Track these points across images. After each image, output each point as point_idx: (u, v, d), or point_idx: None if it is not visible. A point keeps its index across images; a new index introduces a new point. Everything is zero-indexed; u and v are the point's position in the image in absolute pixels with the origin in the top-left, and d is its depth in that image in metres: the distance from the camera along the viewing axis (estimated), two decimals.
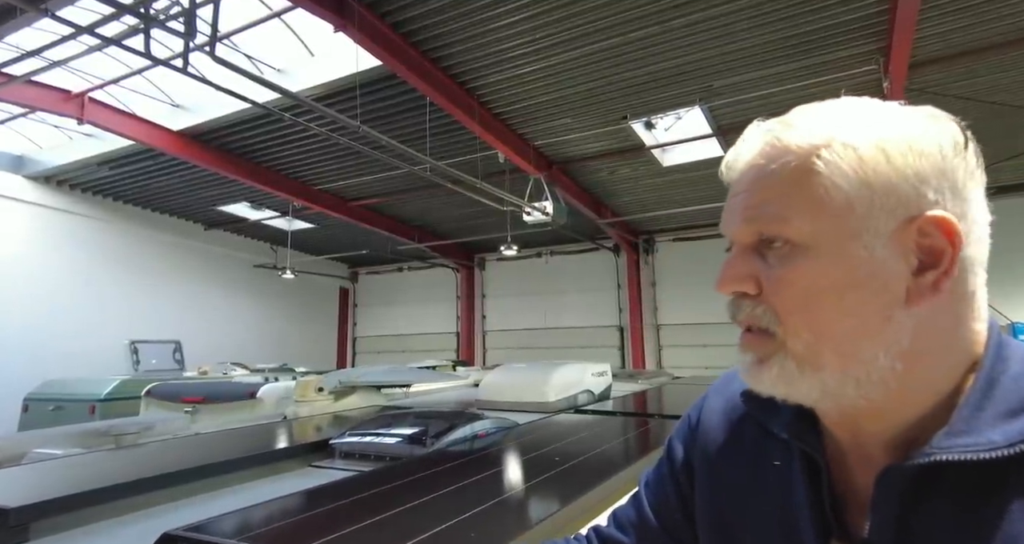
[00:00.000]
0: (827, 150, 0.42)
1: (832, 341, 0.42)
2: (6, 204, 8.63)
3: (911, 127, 0.43)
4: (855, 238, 0.41)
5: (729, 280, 0.46)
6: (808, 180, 0.42)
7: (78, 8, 4.91)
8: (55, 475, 1.60)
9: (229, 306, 11.91)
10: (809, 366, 0.43)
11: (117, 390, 6.52)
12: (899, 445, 0.44)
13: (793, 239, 0.43)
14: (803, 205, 0.42)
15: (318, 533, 1.00)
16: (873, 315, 0.41)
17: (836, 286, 0.42)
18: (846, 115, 0.44)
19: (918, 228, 0.41)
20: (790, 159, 0.43)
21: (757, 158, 0.46)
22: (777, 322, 0.44)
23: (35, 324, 8.64)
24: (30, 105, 6.50)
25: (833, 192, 0.42)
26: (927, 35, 5.02)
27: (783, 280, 0.43)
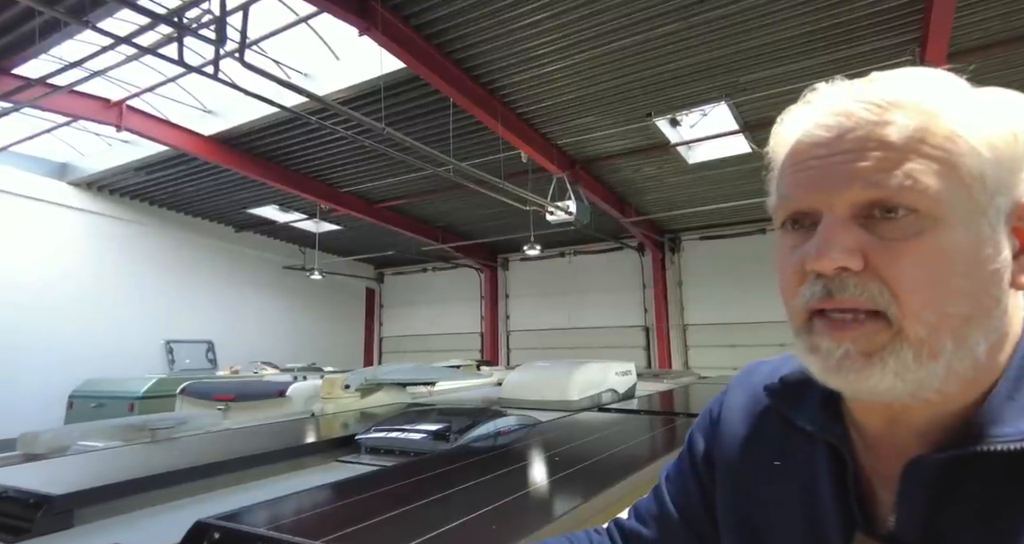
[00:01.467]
0: (961, 112, 0.39)
1: (953, 325, 0.38)
2: (51, 209, 9.02)
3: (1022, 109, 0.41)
4: (983, 213, 0.38)
5: (836, 251, 0.39)
6: (945, 144, 0.38)
7: (116, 20, 5.10)
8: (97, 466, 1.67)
9: (259, 307, 12.20)
10: (927, 354, 0.38)
11: (153, 389, 6.76)
12: (934, 435, 0.42)
13: (920, 207, 0.38)
14: (938, 170, 0.38)
15: (344, 524, 1.03)
16: (988, 298, 0.39)
17: (962, 263, 0.38)
18: (961, 86, 0.42)
19: (1020, 213, 0.40)
20: (919, 116, 0.39)
21: (868, 113, 0.40)
22: (894, 301, 0.38)
23: (77, 324, 9.00)
24: (73, 114, 6.77)
25: (971, 161, 0.38)
26: (965, 24, 4.84)
27: (908, 253, 0.38)
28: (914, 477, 0.41)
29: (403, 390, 3.46)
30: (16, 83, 5.73)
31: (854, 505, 0.46)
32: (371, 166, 8.46)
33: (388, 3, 4.81)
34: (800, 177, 0.42)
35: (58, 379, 7.80)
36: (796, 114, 0.45)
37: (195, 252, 11.02)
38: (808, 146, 0.42)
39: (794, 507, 0.50)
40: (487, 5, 4.82)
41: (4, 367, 7.99)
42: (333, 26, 5.73)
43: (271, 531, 0.98)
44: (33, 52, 5.68)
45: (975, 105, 0.40)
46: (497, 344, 13.53)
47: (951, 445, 0.39)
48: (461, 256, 12.97)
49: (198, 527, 1.01)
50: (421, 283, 14.95)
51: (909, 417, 0.43)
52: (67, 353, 8.61)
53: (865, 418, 0.46)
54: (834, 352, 0.40)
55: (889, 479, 0.44)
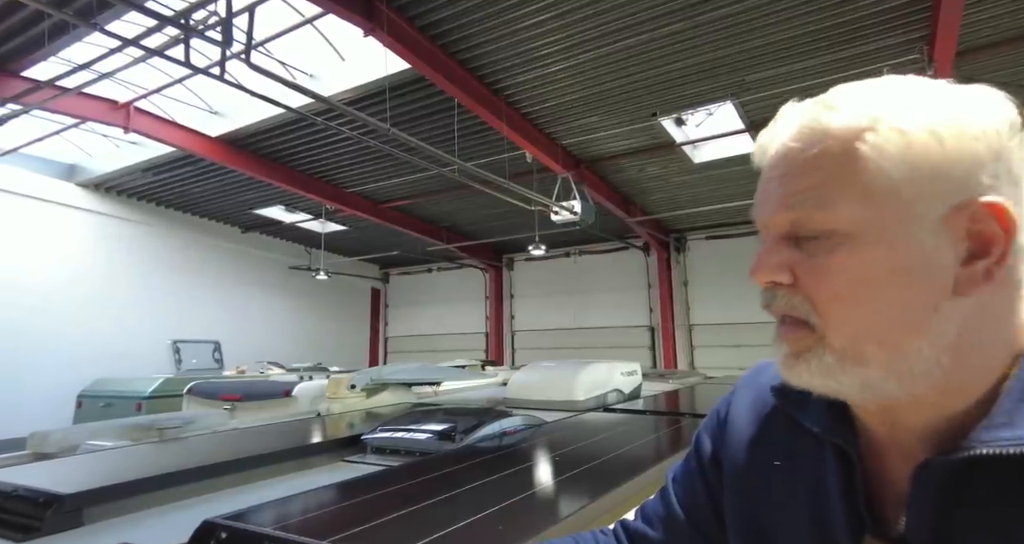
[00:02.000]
0: (872, 133, 0.40)
1: (876, 334, 0.40)
2: (60, 210, 9.10)
3: (965, 107, 0.40)
4: (902, 225, 0.39)
5: (764, 269, 0.44)
6: (852, 165, 0.40)
7: (124, 22, 5.14)
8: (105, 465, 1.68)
9: (265, 307, 12.26)
10: (850, 360, 0.41)
11: (160, 388, 6.80)
12: (938, 438, 0.42)
13: (835, 227, 0.41)
14: (847, 191, 0.40)
15: (351, 523, 1.03)
16: (919, 306, 0.39)
17: (881, 276, 0.40)
18: (893, 95, 0.42)
19: (970, 214, 0.39)
20: (832, 143, 0.41)
21: (795, 141, 0.43)
22: (815, 313, 0.42)
23: (86, 325, 9.08)
24: (81, 116, 6.83)
25: (879, 178, 0.39)
26: (974, 21, 4.79)
27: (824, 269, 0.41)
28: (925, 479, 0.41)
29: (408, 390, 3.47)
30: (26, 85, 5.79)
31: (862, 507, 0.45)
32: (376, 166, 8.49)
33: (393, 4, 4.82)
34: (756, 198, 0.47)
35: (67, 379, 7.86)
36: (763, 134, 0.49)
37: (202, 252, 11.09)
38: (764, 167, 0.47)
39: (802, 508, 0.50)
40: (492, 5, 4.82)
41: (14, 367, 8.07)
42: (338, 27, 5.75)
43: (278, 531, 0.98)
44: (42, 54, 5.73)
45: (904, 116, 0.40)
46: (502, 344, 13.53)
47: (959, 449, 0.39)
48: (466, 256, 12.98)
49: (205, 527, 1.02)
50: (426, 283, 14.98)
51: (907, 420, 0.43)
52: (76, 353, 8.69)
53: (867, 420, 0.47)
54: (780, 352, 0.45)
55: (897, 481, 0.44)
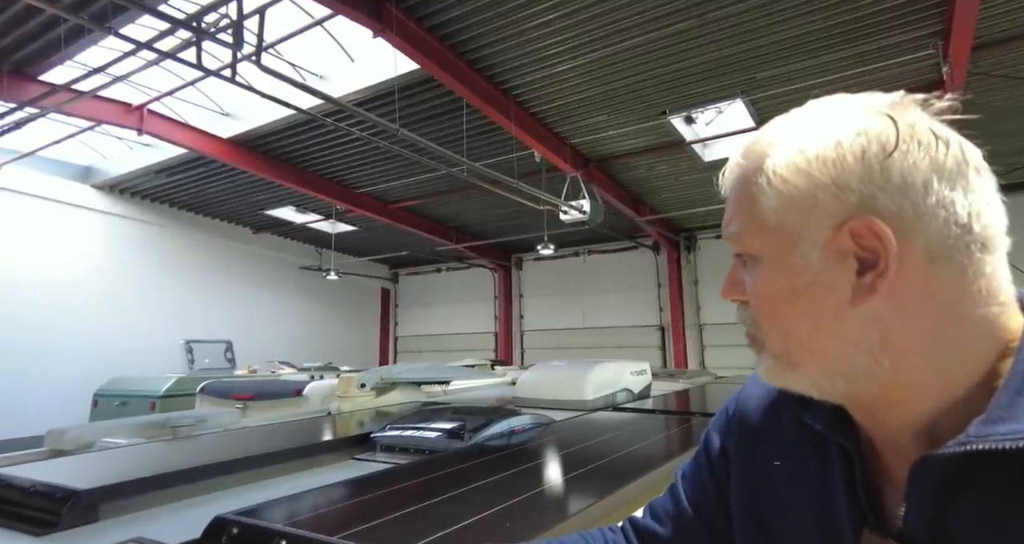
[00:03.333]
0: (760, 174, 0.46)
1: (797, 341, 0.46)
2: (75, 212, 9.24)
3: (832, 135, 0.43)
4: (792, 249, 0.44)
5: (725, 287, 0.51)
6: (750, 203, 0.47)
7: (137, 26, 5.21)
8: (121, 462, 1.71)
9: (276, 307, 12.36)
10: (786, 364, 0.47)
11: (174, 388, 6.87)
12: (930, 435, 0.43)
13: (745, 252, 0.48)
14: (748, 224, 0.47)
15: (360, 520, 1.04)
16: (824, 316, 0.44)
17: (785, 292, 0.45)
18: (785, 130, 0.47)
19: (851, 231, 0.42)
20: (740, 183, 0.48)
21: (729, 177, 0.50)
22: (756, 325, 0.48)
23: (101, 325, 9.22)
24: (96, 118, 6.93)
25: (767, 212, 0.45)
26: (991, 15, 4.72)
27: (751, 288, 0.48)
28: (922, 474, 0.41)
29: (418, 389, 3.48)
30: (42, 89, 5.89)
31: (864, 503, 0.47)
32: (386, 167, 8.52)
33: (402, 4, 4.84)
34: None
35: (82, 378, 7.98)
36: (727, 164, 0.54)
37: (214, 253, 11.20)
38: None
39: (806, 504, 0.51)
40: (500, 5, 4.82)
41: (32, 366, 8.21)
42: (348, 28, 5.79)
43: (288, 527, 0.99)
44: (59, 59, 5.83)
45: (780, 156, 0.45)
46: (511, 344, 13.54)
47: (955, 444, 0.39)
48: (475, 256, 13.00)
49: (217, 522, 1.03)
50: (435, 283, 15.02)
51: (890, 418, 0.46)
52: (91, 352, 8.82)
53: (858, 419, 0.48)
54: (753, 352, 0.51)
55: (898, 477, 0.45)
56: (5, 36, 5.48)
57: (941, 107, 0.45)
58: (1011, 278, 0.44)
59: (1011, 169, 7.17)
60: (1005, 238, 0.44)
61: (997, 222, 0.43)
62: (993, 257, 0.43)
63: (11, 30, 5.40)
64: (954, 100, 0.45)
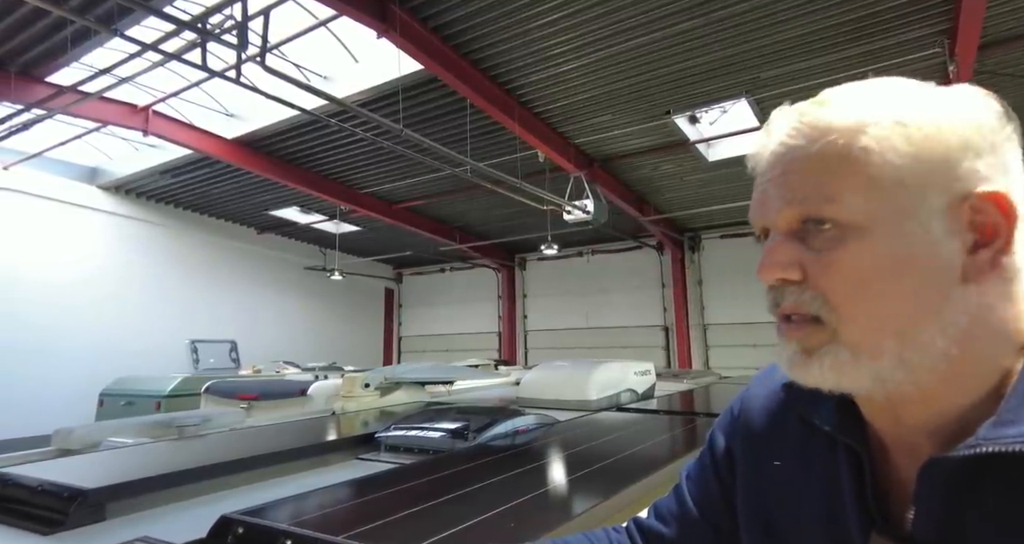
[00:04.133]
0: (875, 126, 0.41)
1: (891, 325, 0.40)
2: (82, 212, 9.29)
3: (961, 102, 0.41)
4: (910, 216, 0.40)
5: (773, 266, 0.44)
6: (856, 158, 0.41)
7: (143, 27, 5.24)
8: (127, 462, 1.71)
9: (281, 307, 12.40)
10: (866, 354, 0.41)
11: (179, 388, 6.91)
12: (945, 435, 0.42)
13: (843, 220, 0.41)
14: (853, 184, 0.41)
15: (365, 520, 1.04)
16: (932, 295, 0.40)
17: (893, 267, 0.40)
18: (889, 92, 0.43)
19: (971, 204, 0.40)
20: (834, 137, 0.42)
21: (794, 139, 0.44)
22: (828, 308, 0.42)
23: (106, 325, 9.27)
24: (102, 120, 6.97)
25: (885, 169, 0.40)
26: (999, 13, 4.69)
27: (835, 264, 0.41)
28: (931, 477, 0.41)
29: (422, 389, 3.48)
30: (49, 91, 5.92)
31: (872, 504, 0.45)
32: (390, 167, 8.54)
33: (406, 5, 4.85)
34: (755, 198, 0.47)
35: (88, 378, 8.02)
36: (756, 141, 0.49)
37: (219, 253, 11.25)
38: (760, 171, 0.47)
39: (813, 505, 0.50)
40: (504, 5, 4.83)
41: (38, 366, 8.26)
42: (352, 29, 5.80)
43: (293, 526, 0.99)
44: (65, 60, 5.87)
45: (903, 110, 0.41)
46: (515, 344, 13.53)
47: (965, 446, 0.39)
48: (479, 256, 13.01)
49: (223, 522, 1.03)
50: (439, 283, 15.04)
51: (911, 416, 0.43)
52: (97, 352, 8.87)
53: (873, 417, 0.47)
54: (787, 350, 0.45)
55: (906, 479, 0.44)
56: (13, 38, 5.52)
57: None
58: None
59: None
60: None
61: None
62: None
63: (19, 32, 5.43)
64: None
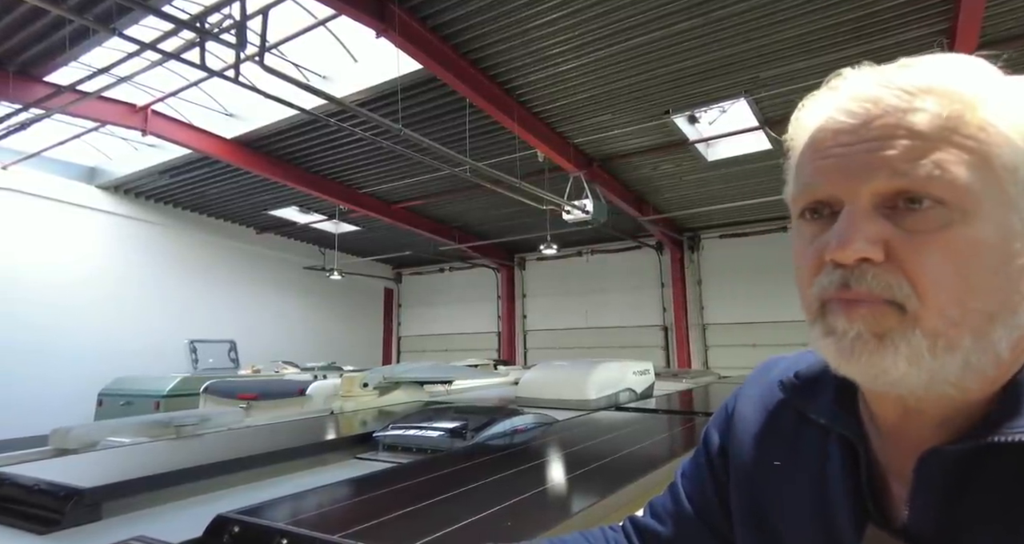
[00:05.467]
0: (996, 101, 0.37)
1: (976, 319, 0.37)
2: (81, 212, 9.28)
3: None
4: (1014, 207, 0.37)
5: (857, 242, 0.37)
6: (975, 132, 0.37)
7: (141, 26, 5.24)
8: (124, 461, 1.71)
9: (280, 307, 12.39)
10: (944, 345, 0.37)
11: (178, 387, 6.91)
12: (950, 427, 0.41)
13: (948, 199, 0.36)
14: (969, 161, 0.36)
15: (362, 519, 1.04)
16: (1016, 294, 0.37)
17: (990, 259, 0.36)
18: (990, 68, 0.40)
19: None
20: (948, 104, 0.37)
21: (891, 100, 0.38)
22: (915, 295, 0.37)
23: (106, 325, 9.26)
24: (101, 119, 6.96)
25: (1005, 148, 0.37)
26: (998, 13, 4.69)
27: (932, 246, 0.36)
28: (929, 469, 0.40)
29: (420, 388, 3.48)
30: (48, 90, 5.92)
31: (867, 498, 0.45)
32: (389, 167, 8.53)
33: (405, 4, 4.84)
34: (822, 165, 0.41)
35: (87, 377, 8.02)
36: (819, 100, 0.43)
37: (218, 253, 11.24)
38: (832, 133, 0.41)
39: (806, 500, 0.50)
40: (503, 5, 4.82)
41: (37, 366, 8.25)
42: (351, 28, 5.80)
43: (290, 525, 0.99)
44: (64, 60, 5.86)
45: (1010, 92, 0.38)
46: (514, 343, 13.53)
47: (966, 437, 0.38)
48: (478, 256, 13.00)
49: (219, 521, 1.03)
50: (438, 283, 15.03)
51: (924, 409, 0.42)
52: (96, 352, 8.86)
53: (880, 409, 0.45)
54: (848, 333, 0.39)
55: (903, 472, 0.43)
56: (11, 37, 5.51)
57: None
58: None
59: None
60: None
61: None
62: None
63: (17, 31, 5.43)
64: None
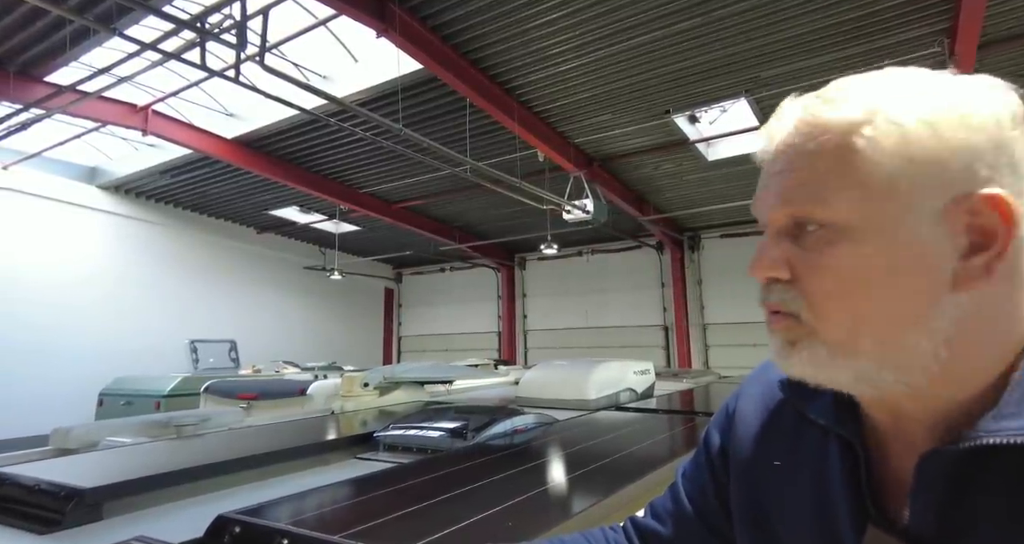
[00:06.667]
0: (869, 126, 0.40)
1: (872, 328, 0.40)
2: (82, 212, 9.29)
3: (965, 98, 0.40)
4: (900, 219, 0.39)
5: (762, 265, 0.44)
6: (849, 159, 0.40)
7: (142, 26, 5.24)
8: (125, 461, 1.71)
9: (280, 307, 12.40)
10: (843, 353, 0.41)
11: (178, 387, 6.91)
12: (943, 429, 0.42)
13: (832, 222, 0.41)
14: (844, 186, 0.40)
15: (363, 519, 1.04)
16: (917, 301, 0.39)
17: (879, 271, 0.39)
18: (891, 87, 0.42)
19: (969, 207, 0.38)
20: (829, 137, 0.41)
21: (793, 136, 0.43)
22: (806, 308, 0.42)
23: (106, 324, 9.26)
24: (101, 119, 6.97)
25: (876, 171, 0.39)
26: (998, 12, 4.69)
27: (821, 265, 0.41)
28: (930, 469, 0.40)
29: (421, 388, 3.48)
30: (48, 90, 5.92)
31: (867, 498, 0.45)
32: (389, 167, 8.54)
33: (405, 4, 4.84)
34: (757, 193, 0.47)
35: (88, 377, 8.03)
36: (762, 132, 0.48)
37: (218, 253, 11.25)
38: (761, 163, 0.47)
39: (806, 500, 0.50)
40: (503, 5, 4.82)
41: (37, 365, 8.26)
42: (351, 28, 5.80)
43: (291, 526, 0.99)
44: (64, 60, 5.86)
45: (901, 108, 0.40)
46: (514, 343, 13.54)
47: (965, 439, 0.39)
48: (478, 256, 13.01)
49: (220, 521, 1.03)
50: (439, 283, 15.04)
51: (910, 410, 0.43)
52: (97, 352, 8.87)
53: (872, 412, 0.47)
54: (774, 343, 0.46)
55: (903, 473, 0.44)
56: (11, 37, 5.51)
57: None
58: None
59: None
60: None
61: None
62: None
63: (17, 32, 5.43)
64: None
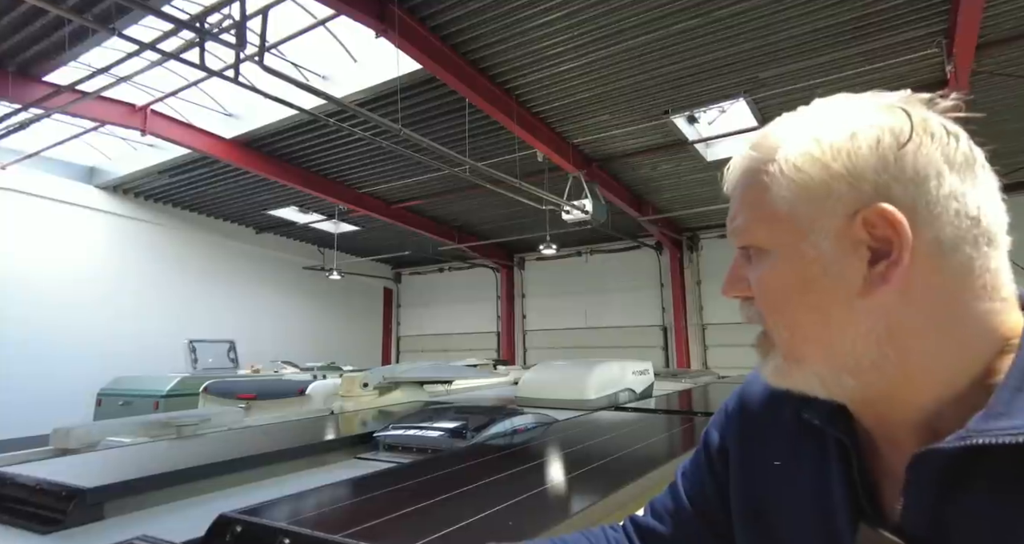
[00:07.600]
0: (772, 164, 0.46)
1: (805, 335, 0.45)
2: (81, 212, 9.27)
3: (850, 126, 0.44)
4: (804, 239, 0.44)
5: (727, 284, 0.51)
6: (760, 195, 0.47)
7: (141, 26, 5.24)
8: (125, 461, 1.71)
9: (279, 307, 12.39)
10: (793, 360, 0.47)
11: (177, 387, 6.90)
12: (929, 430, 0.43)
13: (754, 245, 0.48)
14: (759, 217, 0.47)
15: (363, 519, 1.04)
16: (833, 307, 0.44)
17: (795, 284, 0.45)
18: (795, 125, 0.47)
19: (864, 221, 0.42)
20: (749, 175, 0.48)
21: (735, 171, 0.51)
22: (763, 321, 0.48)
23: (105, 325, 9.25)
24: (100, 119, 6.96)
25: (779, 202, 0.45)
26: (997, 13, 4.70)
27: (758, 283, 0.48)
28: (921, 468, 0.42)
29: (420, 388, 3.49)
30: (47, 90, 5.91)
31: (862, 497, 0.47)
32: (388, 167, 8.54)
33: (404, 5, 4.84)
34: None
35: (87, 377, 8.01)
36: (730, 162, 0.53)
37: (217, 253, 11.24)
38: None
39: (804, 497, 0.51)
40: (502, 5, 4.83)
41: (37, 365, 8.25)
42: (350, 29, 5.80)
43: (292, 525, 1.00)
44: (63, 60, 5.86)
45: (796, 143, 0.45)
46: (513, 343, 13.54)
47: (955, 439, 0.40)
48: (477, 256, 13.01)
49: (221, 521, 1.03)
50: (438, 283, 15.03)
51: (891, 413, 0.46)
52: (95, 352, 8.85)
53: (858, 414, 0.49)
54: (756, 353, 0.51)
55: (895, 472, 0.45)
56: (10, 37, 5.51)
57: (946, 106, 0.45)
58: (1012, 276, 0.45)
59: (1012, 169, 7.14)
60: (1006, 236, 0.44)
61: (1001, 219, 0.44)
62: (997, 253, 0.43)
63: (16, 31, 5.42)
64: (959, 99, 0.45)
